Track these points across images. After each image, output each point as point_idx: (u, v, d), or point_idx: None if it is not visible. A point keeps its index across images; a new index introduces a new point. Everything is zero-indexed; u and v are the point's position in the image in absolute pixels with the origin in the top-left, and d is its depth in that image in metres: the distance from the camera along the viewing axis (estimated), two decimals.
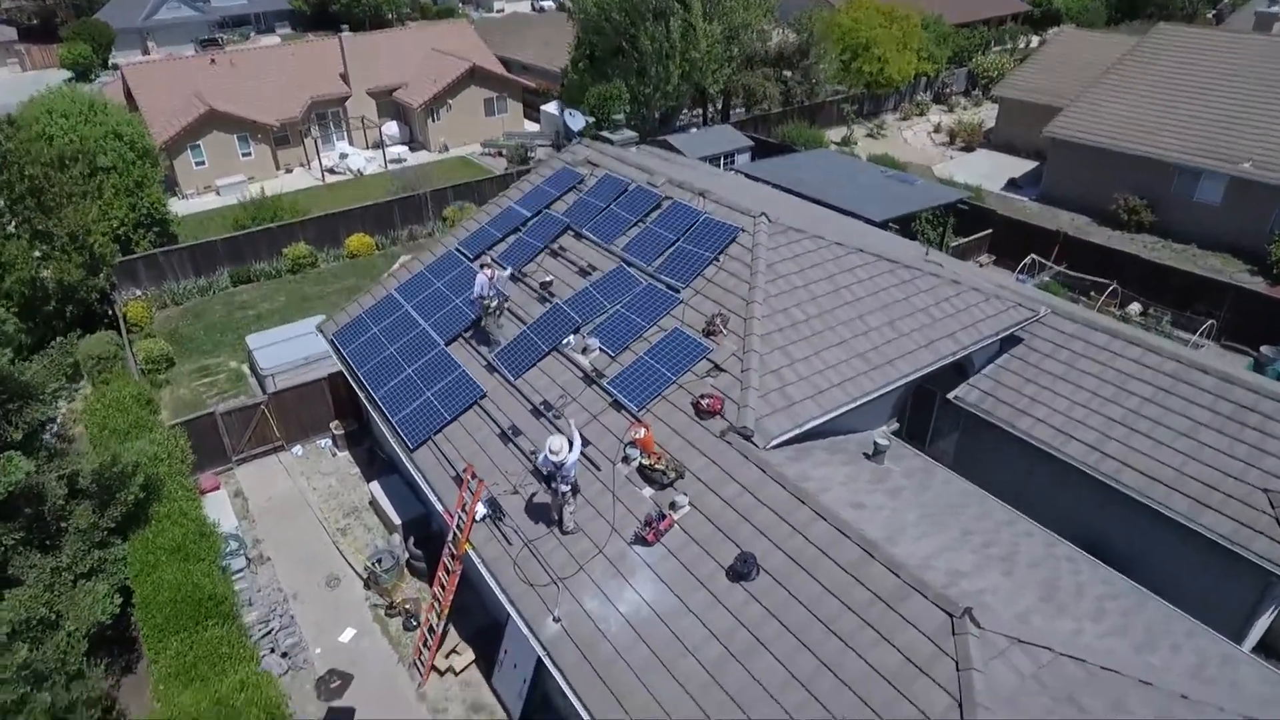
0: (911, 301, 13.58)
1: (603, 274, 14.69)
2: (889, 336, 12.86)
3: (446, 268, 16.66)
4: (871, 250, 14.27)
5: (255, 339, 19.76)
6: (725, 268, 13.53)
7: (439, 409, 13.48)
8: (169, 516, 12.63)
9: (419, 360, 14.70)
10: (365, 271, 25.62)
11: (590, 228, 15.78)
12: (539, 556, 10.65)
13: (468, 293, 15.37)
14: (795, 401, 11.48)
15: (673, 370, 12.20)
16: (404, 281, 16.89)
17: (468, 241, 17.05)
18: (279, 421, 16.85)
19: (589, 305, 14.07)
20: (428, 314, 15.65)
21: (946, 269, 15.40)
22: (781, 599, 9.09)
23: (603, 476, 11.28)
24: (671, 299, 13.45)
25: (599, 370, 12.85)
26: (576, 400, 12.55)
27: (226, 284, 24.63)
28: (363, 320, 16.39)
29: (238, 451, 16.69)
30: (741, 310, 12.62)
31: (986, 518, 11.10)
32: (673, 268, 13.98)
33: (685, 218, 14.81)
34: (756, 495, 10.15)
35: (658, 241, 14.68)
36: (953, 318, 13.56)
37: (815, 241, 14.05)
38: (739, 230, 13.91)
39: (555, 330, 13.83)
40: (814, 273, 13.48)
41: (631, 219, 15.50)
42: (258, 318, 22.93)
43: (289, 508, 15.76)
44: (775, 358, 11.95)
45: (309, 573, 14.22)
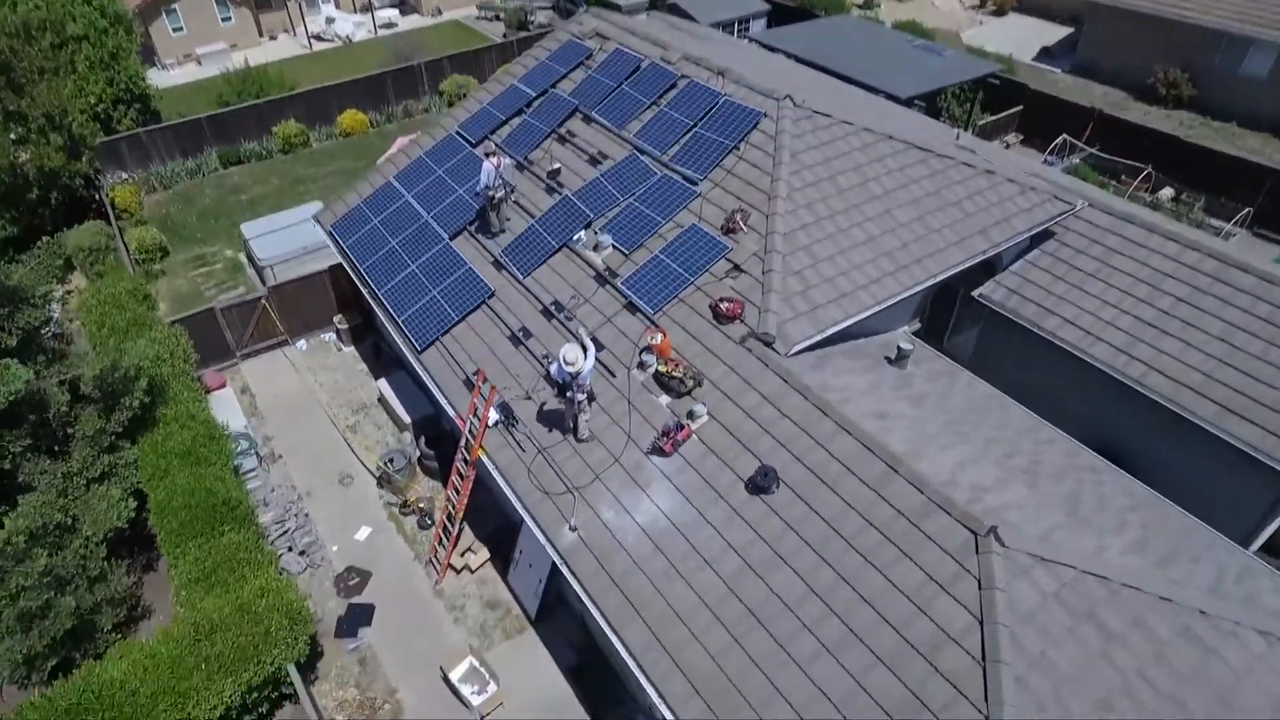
0: (943, 194, 12.77)
1: (614, 163, 13.79)
2: (918, 233, 12.17)
3: (447, 153, 15.68)
4: (901, 137, 13.28)
5: (250, 227, 19.00)
6: (746, 157, 12.64)
7: (446, 309, 13.01)
8: (176, 419, 12.45)
9: (423, 256, 14.07)
10: (360, 151, 24.40)
11: (600, 110, 14.70)
12: (554, 465, 10.51)
13: (471, 182, 14.57)
14: (818, 305, 10.98)
15: (690, 270, 11.62)
16: (403, 169, 15.96)
17: (469, 124, 15.97)
18: (281, 316, 16.43)
19: (600, 198, 13.28)
20: (430, 205, 14.86)
21: (979, 156, 14.44)
22: (801, 513, 8.98)
23: (618, 383, 10.97)
24: (688, 192, 12.65)
25: (612, 269, 12.27)
26: (589, 301, 12.06)
27: (216, 166, 23.51)
28: (361, 211, 15.60)
29: (241, 347, 16.37)
30: (763, 205, 11.88)
31: (1010, 425, 10.86)
32: (689, 157, 13.07)
33: (703, 100, 13.72)
34: (778, 406, 9.85)
35: (673, 127, 13.67)
36: (985, 212, 12.80)
37: (843, 128, 13.06)
38: (761, 115, 12.89)
39: (565, 225, 13.12)
40: (841, 163, 12.60)
41: (645, 101, 14.40)
42: (251, 203, 22.01)
43: (297, 404, 15.61)
44: (798, 258, 11.34)
45: (321, 471, 14.24)
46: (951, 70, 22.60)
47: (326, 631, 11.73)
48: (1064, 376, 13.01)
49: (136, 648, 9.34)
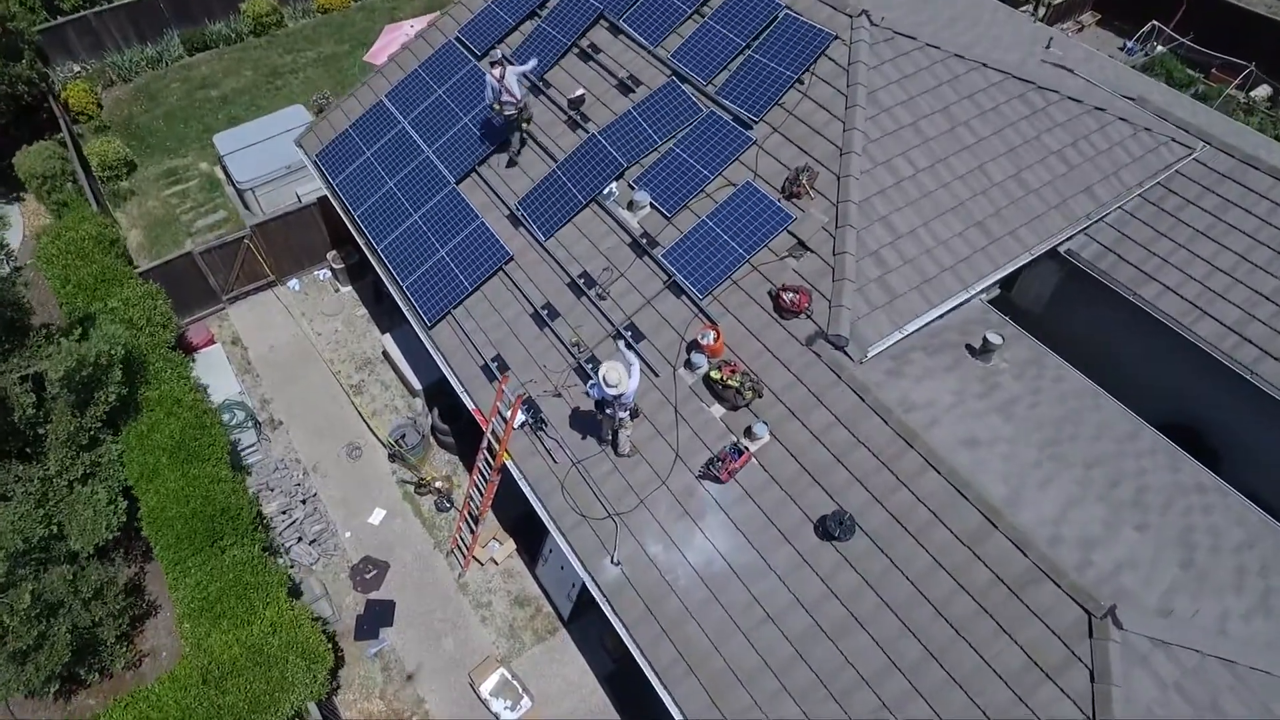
0: (1043, 141, 10.71)
1: (649, 92, 11.57)
2: (1014, 195, 10.27)
3: (447, 67, 13.29)
4: (998, 65, 10.98)
5: (225, 140, 16.71)
6: (812, 94, 10.49)
7: (457, 274, 11.30)
8: (161, 404, 11.10)
9: (427, 203, 12.15)
10: (342, 32, 21.40)
11: (630, 19, 12.23)
12: (591, 481, 9.28)
13: (477, 109, 12.37)
14: (898, 295, 9.33)
15: (744, 244, 9.85)
16: (396, 85, 13.60)
17: (471, 28, 13.45)
18: (267, 255, 14.64)
19: (634, 138, 11.20)
20: (430, 136, 12.71)
21: (1079, 76, 12.15)
22: (882, 568, 7.85)
23: (661, 384, 9.52)
24: (740, 138, 10.59)
25: (650, 235, 10.47)
26: (625, 276, 10.35)
27: (180, 52, 20.62)
28: (350, 138, 13.44)
29: (227, 290, 14.72)
30: (833, 162, 9.91)
31: (1107, 432, 9.52)
32: (741, 89, 10.87)
33: (758, 11, 11.29)
34: (852, 430, 8.48)
35: (721, 46, 11.33)
36: (1091, 162, 10.80)
37: (928, 54, 10.77)
38: (831, 38, 10.58)
39: (592, 172, 11.14)
40: (926, 103, 10.46)
41: (684, 8, 11.92)
42: (223, 100, 19.44)
43: (294, 358, 14.20)
44: (876, 233, 9.55)
45: (327, 440, 13.07)
46: None
47: (345, 632, 11.01)
48: (1157, 351, 11.50)
49: (142, 697, 8.53)
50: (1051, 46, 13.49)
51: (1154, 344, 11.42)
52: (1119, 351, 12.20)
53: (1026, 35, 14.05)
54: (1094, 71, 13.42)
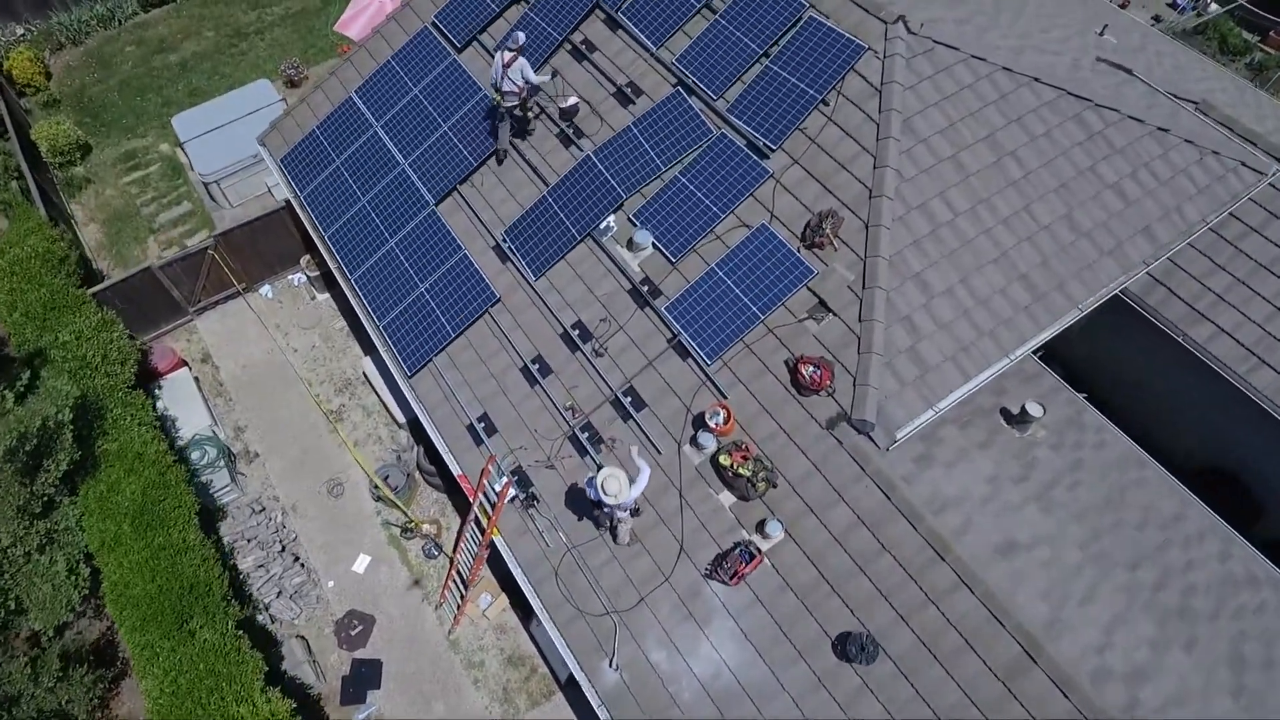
0: (1099, 173, 9.44)
1: (652, 104, 10.19)
2: (1064, 240, 9.09)
3: (423, 60, 11.79)
4: (1049, 73, 9.57)
5: (185, 123, 15.19)
6: (838, 118, 9.16)
7: (438, 315, 10.21)
8: (120, 458, 10.21)
9: (404, 227, 10.92)
10: None
11: (630, 12, 10.70)
12: (587, 571, 8.49)
13: (458, 114, 11.01)
14: (931, 367, 8.31)
15: (759, 301, 8.75)
16: (368, 79, 12.11)
17: (448, 15, 11.87)
18: (236, 263, 13.44)
19: (634, 162, 9.92)
20: (406, 145, 11.35)
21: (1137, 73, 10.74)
22: (907, 698, 7.15)
23: (664, 461, 8.61)
24: (755, 169, 9.32)
25: (653, 283, 9.35)
26: (624, 330, 9.29)
27: (134, 8, 18.71)
28: (318, 142, 12.05)
29: (194, 302, 13.59)
30: (861, 206, 8.70)
31: (1152, 515, 8.69)
32: (757, 108, 9.52)
33: (778, 15, 9.80)
34: (877, 534, 7.63)
35: (734, 52, 9.90)
36: (1151, 196, 9.55)
37: (972, 68, 9.37)
38: (863, 50, 9.17)
39: (587, 202, 9.91)
40: (968, 130, 9.15)
41: (693, 2, 10.38)
42: (182, 68, 17.71)
43: (270, 378, 13.21)
44: (908, 293, 8.45)
45: (307, 475, 12.24)
46: None
47: (331, 695, 10.48)
48: (1205, 396, 10.57)
49: None
50: (1105, 34, 11.96)
51: (1202, 388, 10.47)
52: (1162, 389, 11.27)
53: (1079, 18, 12.45)
54: (1151, 63, 11.96)
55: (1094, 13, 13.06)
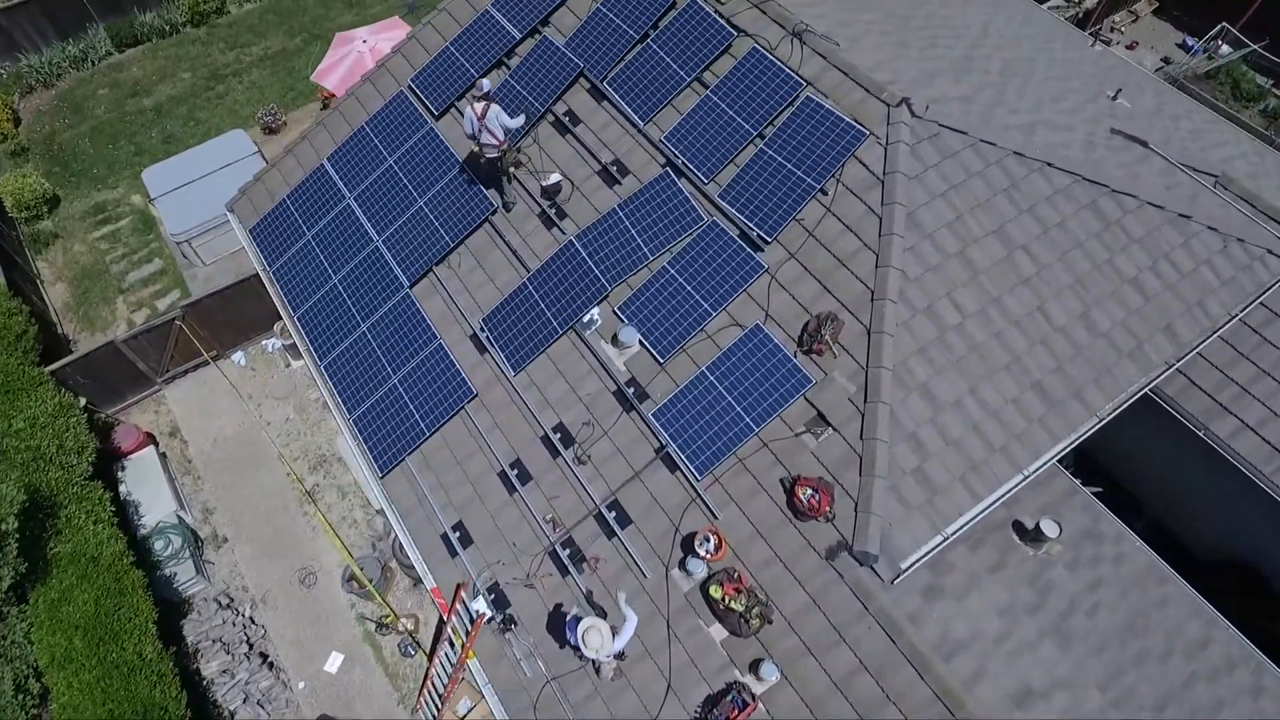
0: (1117, 267, 8.83)
1: (639, 185, 9.57)
2: (1080, 342, 8.47)
3: (398, 127, 11.16)
4: (1063, 155, 8.97)
5: (156, 177, 14.56)
6: (837, 209, 8.54)
7: (412, 411, 9.59)
8: (74, 563, 9.58)
9: (376, 310, 10.30)
10: (292, 21, 18.78)
11: (616, 82, 10.07)
12: (568, 706, 7.86)
13: (435, 189, 10.41)
14: (939, 489, 7.69)
15: (753, 411, 8.13)
16: (340, 145, 11.48)
17: (425, 79, 11.24)
18: (205, 332, 12.81)
19: (620, 249, 9.30)
20: (380, 220, 10.73)
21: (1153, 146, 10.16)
22: None
23: (651, 586, 7.99)
24: (749, 263, 8.70)
25: (639, 385, 8.72)
26: (608, 435, 8.67)
27: (107, 48, 18.07)
28: (289, 212, 11.42)
29: (161, 372, 12.96)
30: (863, 309, 8.08)
31: (1176, 642, 8.09)
32: (751, 195, 8.90)
33: (774, 90, 9.18)
34: (882, 683, 7.01)
35: (726, 133, 9.28)
36: (1173, 291, 8.94)
37: (981, 154, 8.76)
38: (864, 136, 8.54)
39: (570, 292, 9.29)
40: (977, 223, 8.54)
41: (682, 75, 9.77)
42: (157, 112, 17.08)
43: (241, 454, 12.59)
44: (913, 407, 7.83)
45: (278, 562, 11.61)
46: None
47: None
48: (1228, 491, 9.97)
49: None
50: (1119, 98, 11.37)
51: (1225, 483, 9.87)
52: (1182, 481, 10.70)
53: (1090, 76, 11.86)
54: (1167, 129, 11.38)
55: (1105, 69, 12.48)
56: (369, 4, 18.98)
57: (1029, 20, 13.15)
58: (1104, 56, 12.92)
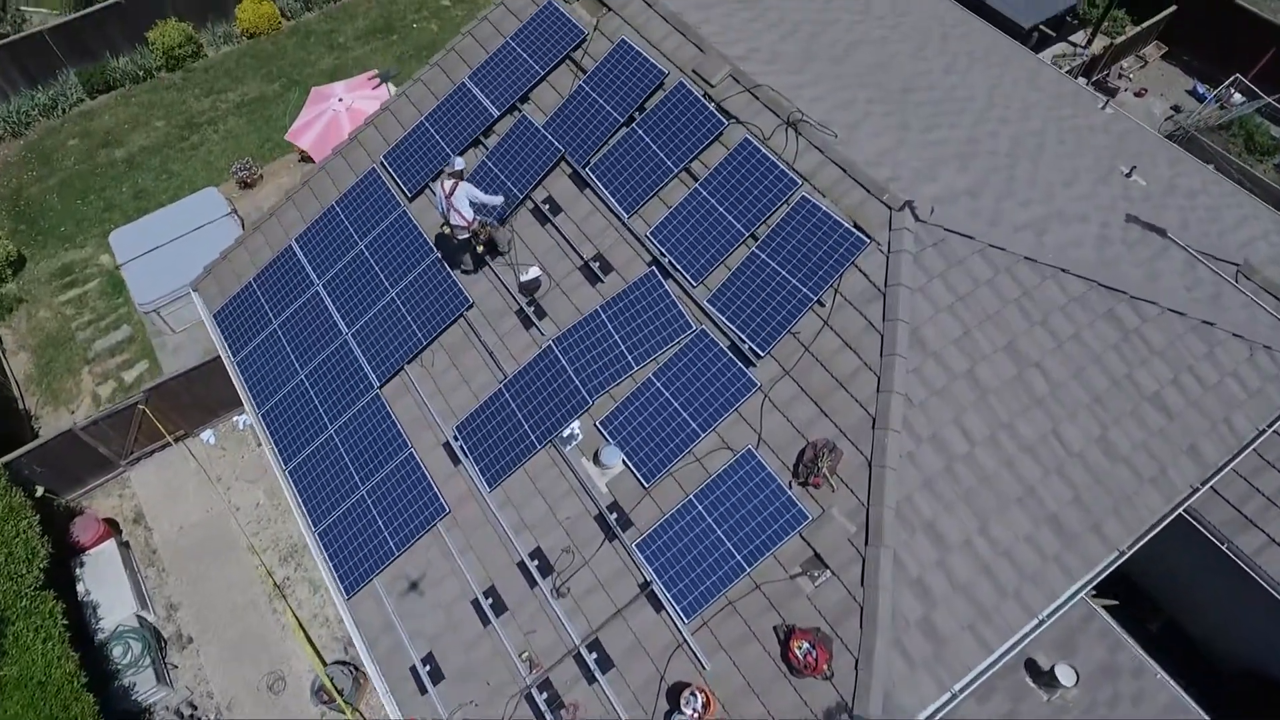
0: (1137, 382, 8.21)
1: (623, 285, 8.95)
2: (1098, 469, 7.84)
3: (369, 209, 10.54)
4: (1078, 266, 8.35)
5: (123, 241, 13.93)
6: (836, 322, 7.92)
7: (381, 527, 8.96)
8: (20, 686, 8.96)
9: (345, 411, 9.66)
10: (271, 65, 18.14)
11: (600, 171, 9.45)
12: None
13: (408, 276, 9.80)
14: (946, 640, 7.06)
15: (744, 548, 7.51)
16: (309, 225, 10.86)
17: (398, 156, 10.62)
18: (172, 413, 12.18)
19: (601, 355, 8.67)
20: (350, 311, 10.10)
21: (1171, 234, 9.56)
22: None
23: None
24: (740, 379, 8.07)
25: (623, 511, 8.09)
26: (589, 565, 8.04)
27: (79, 95, 17.42)
28: (254, 297, 10.79)
29: (125, 455, 12.32)
30: (863, 437, 7.46)
31: None
32: (743, 303, 8.27)
33: (766, 190, 8.56)
34: None
35: (717, 232, 8.65)
36: (1196, 406, 8.32)
37: (989, 260, 8.15)
38: (863, 244, 7.92)
39: (549, 403, 8.66)
40: (986, 338, 7.91)
41: (669, 165, 9.14)
42: (129, 164, 16.44)
43: (209, 543, 11.96)
44: (919, 549, 7.21)
45: (246, 664, 10.99)
46: None
47: None
48: (1251, 607, 9.36)
49: None
50: (1133, 175, 10.76)
51: (1249, 596, 9.26)
52: (1200, 589, 10.10)
53: (1103, 148, 11.26)
54: (1183, 208, 10.77)
55: (1117, 136, 11.87)
56: (350, 46, 18.35)
57: (1036, 81, 12.54)
58: (1115, 120, 12.30)
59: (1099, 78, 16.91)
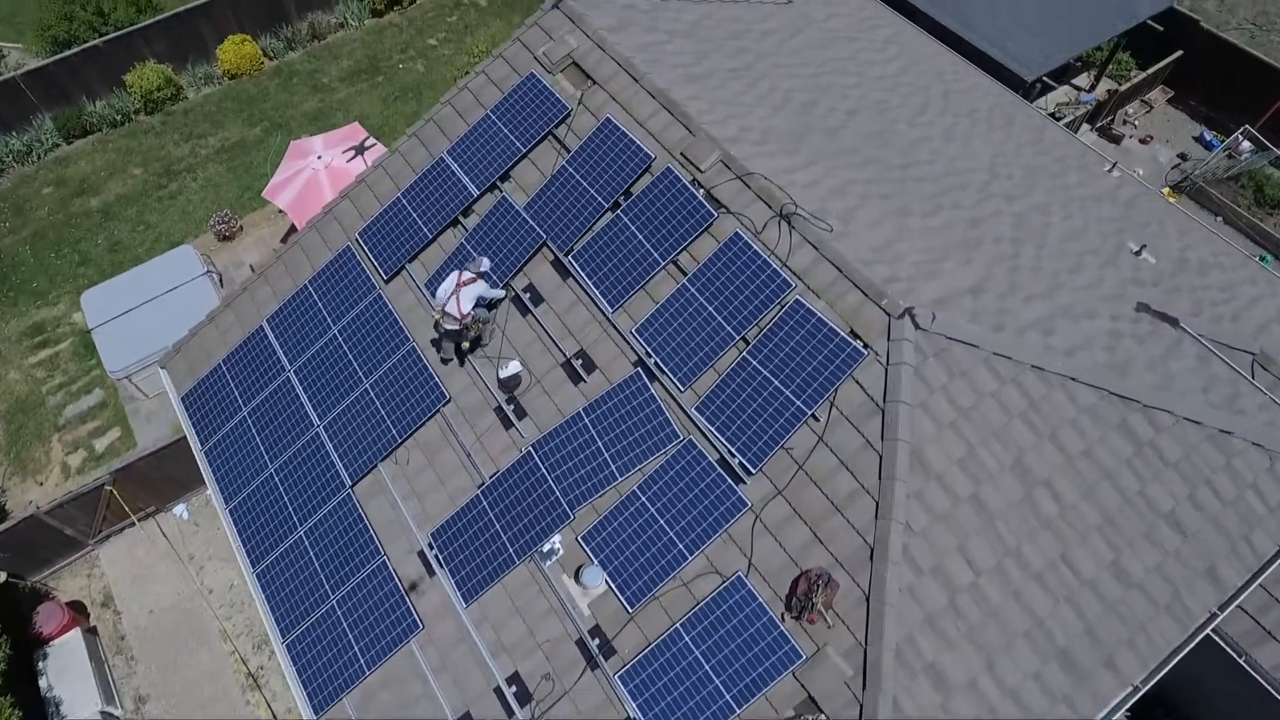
0: (1150, 498, 7.74)
1: (607, 384, 8.47)
2: (1110, 596, 7.38)
3: (344, 290, 10.07)
4: (1089, 378, 7.89)
5: (95, 303, 13.44)
6: (831, 439, 7.45)
7: (351, 641, 8.48)
8: None
9: (315, 512, 9.18)
10: (253, 107, 17.65)
11: (583, 260, 8.97)
12: None
13: (383, 366, 9.32)
14: None
15: (734, 686, 7.04)
16: (282, 304, 10.38)
17: (375, 233, 10.14)
18: (140, 493, 11.70)
19: (584, 463, 8.20)
20: (322, 401, 9.62)
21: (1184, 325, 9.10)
22: None
23: None
24: (729, 497, 7.60)
25: (605, 637, 7.62)
26: (569, 695, 7.57)
27: (53, 140, 16.93)
28: (224, 380, 10.31)
29: (94, 534, 11.84)
30: (861, 568, 6.99)
31: None
32: (733, 414, 7.80)
33: (758, 290, 8.08)
34: None
35: (705, 333, 8.18)
36: (1213, 523, 7.85)
37: (994, 369, 7.68)
38: (861, 355, 7.45)
39: (528, 514, 8.19)
40: (992, 455, 7.45)
41: (657, 257, 8.66)
42: (104, 215, 15.95)
43: (180, 628, 11.49)
44: (920, 692, 6.74)
45: None
46: (1099, 9, 15.39)
47: None
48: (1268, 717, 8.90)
49: None
50: (1143, 253, 10.30)
51: (1268, 710, 8.80)
52: (1217, 696, 9.63)
53: (1110, 222, 10.80)
54: (1195, 288, 10.32)
55: (1125, 204, 11.42)
56: (334, 88, 17.86)
57: (1040, 142, 12.08)
58: (1122, 186, 11.84)
59: (1103, 124, 16.44)
